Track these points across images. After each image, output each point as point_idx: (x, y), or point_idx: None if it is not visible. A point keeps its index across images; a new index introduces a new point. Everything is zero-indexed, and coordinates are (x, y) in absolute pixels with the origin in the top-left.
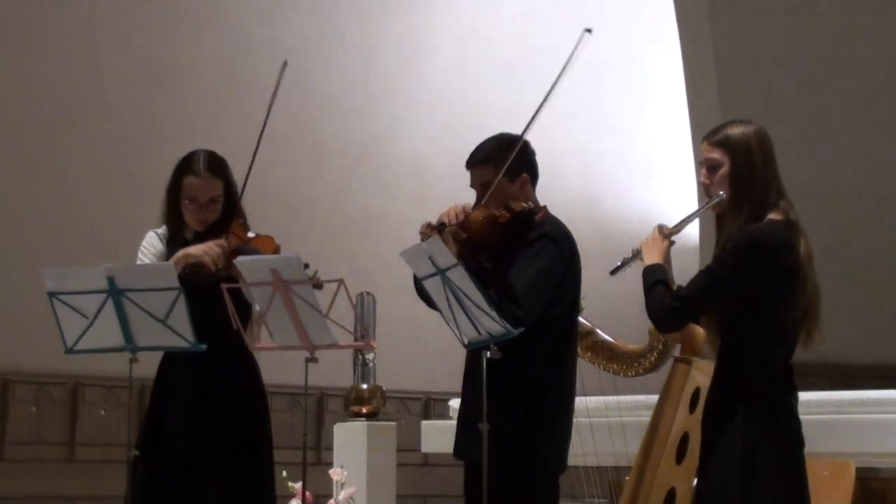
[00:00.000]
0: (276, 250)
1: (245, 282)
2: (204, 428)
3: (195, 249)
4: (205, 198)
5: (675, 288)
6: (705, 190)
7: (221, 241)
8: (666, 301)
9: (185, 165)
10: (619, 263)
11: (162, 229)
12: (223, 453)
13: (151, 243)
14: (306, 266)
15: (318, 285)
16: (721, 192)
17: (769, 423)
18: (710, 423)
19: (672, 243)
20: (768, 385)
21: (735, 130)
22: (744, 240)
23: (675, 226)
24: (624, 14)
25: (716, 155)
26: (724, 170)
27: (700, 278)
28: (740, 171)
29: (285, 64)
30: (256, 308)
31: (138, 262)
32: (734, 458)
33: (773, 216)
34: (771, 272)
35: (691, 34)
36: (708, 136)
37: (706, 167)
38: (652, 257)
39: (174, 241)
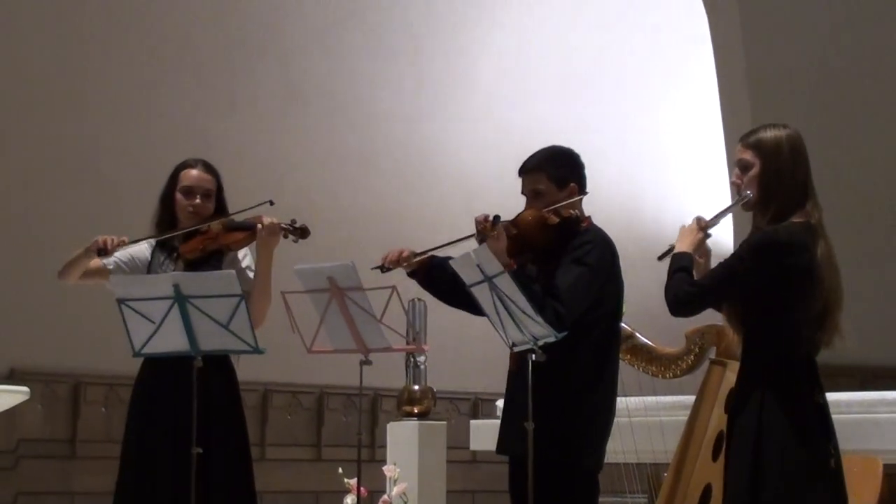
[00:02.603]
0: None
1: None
2: (185, 428)
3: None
4: (200, 189)
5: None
6: (736, 189)
7: None
8: (683, 287)
9: (182, 165)
10: (667, 249)
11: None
12: (204, 451)
13: (139, 247)
14: (293, 221)
15: (304, 231)
16: (748, 192)
17: (786, 416)
18: (733, 416)
19: (708, 235)
20: (787, 378)
21: (768, 134)
22: (760, 238)
23: (712, 219)
24: (659, 27)
25: (747, 156)
26: (755, 171)
27: (716, 270)
28: (769, 173)
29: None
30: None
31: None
32: (747, 449)
33: (796, 218)
34: (784, 271)
35: (724, 44)
36: (743, 137)
37: (738, 167)
38: (683, 245)
39: (163, 247)
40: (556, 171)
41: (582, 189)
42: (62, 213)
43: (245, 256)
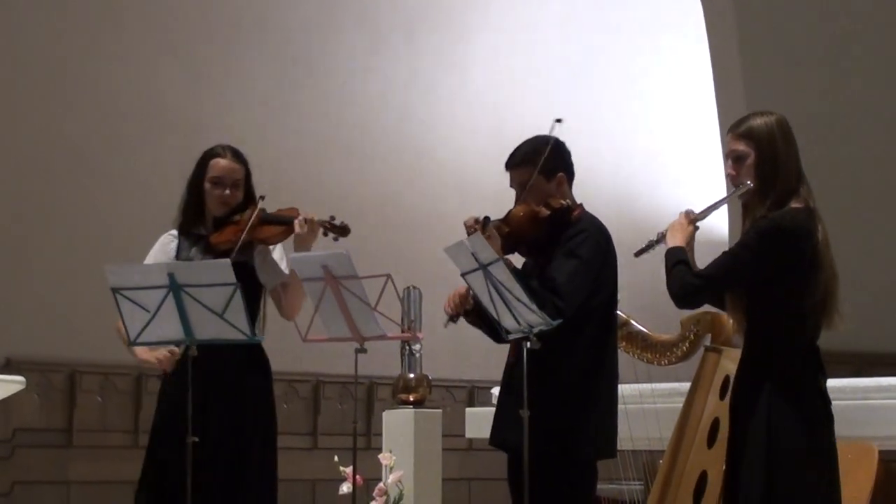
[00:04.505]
0: (298, 213)
1: (262, 263)
2: (218, 413)
3: (149, 356)
4: (230, 179)
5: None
6: (732, 181)
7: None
8: (687, 279)
9: (211, 153)
10: (644, 246)
11: (173, 231)
12: (232, 440)
13: (163, 243)
14: (332, 218)
15: (344, 230)
16: (748, 182)
17: (794, 403)
18: (737, 405)
19: (696, 229)
20: (793, 366)
21: (758, 121)
22: (767, 225)
23: (701, 212)
24: (654, 16)
25: (741, 147)
26: (750, 160)
27: (722, 259)
28: (765, 161)
29: None
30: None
31: (146, 262)
32: (759, 437)
33: (794, 204)
34: (792, 257)
35: (719, 34)
36: (732, 128)
37: (732, 159)
38: (675, 240)
39: (187, 236)
40: (542, 162)
41: (570, 177)
42: (56, 204)
43: (275, 248)
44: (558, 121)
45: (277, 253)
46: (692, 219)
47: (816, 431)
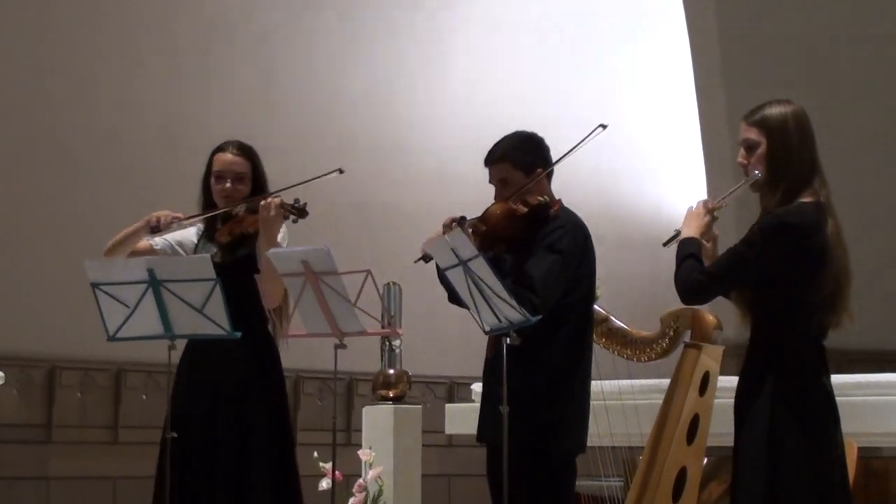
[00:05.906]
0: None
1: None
2: (226, 409)
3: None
4: (231, 173)
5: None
6: (743, 170)
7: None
8: (693, 275)
9: (216, 148)
10: (672, 235)
11: (199, 226)
12: (245, 434)
13: (187, 229)
14: (296, 201)
15: (301, 211)
16: (756, 172)
17: (797, 401)
18: (741, 400)
19: (715, 219)
20: (798, 363)
21: (773, 110)
22: (771, 221)
23: (718, 201)
24: (633, 10)
25: (753, 135)
26: (761, 150)
27: (727, 257)
28: (776, 151)
29: None
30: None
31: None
32: (760, 435)
33: (805, 197)
34: (797, 254)
35: (699, 25)
36: (747, 116)
37: (744, 147)
38: (689, 230)
39: (206, 232)
40: (521, 158)
41: (549, 172)
42: (36, 199)
43: (283, 239)
44: (602, 127)
45: (280, 235)
46: (709, 208)
47: (821, 429)
